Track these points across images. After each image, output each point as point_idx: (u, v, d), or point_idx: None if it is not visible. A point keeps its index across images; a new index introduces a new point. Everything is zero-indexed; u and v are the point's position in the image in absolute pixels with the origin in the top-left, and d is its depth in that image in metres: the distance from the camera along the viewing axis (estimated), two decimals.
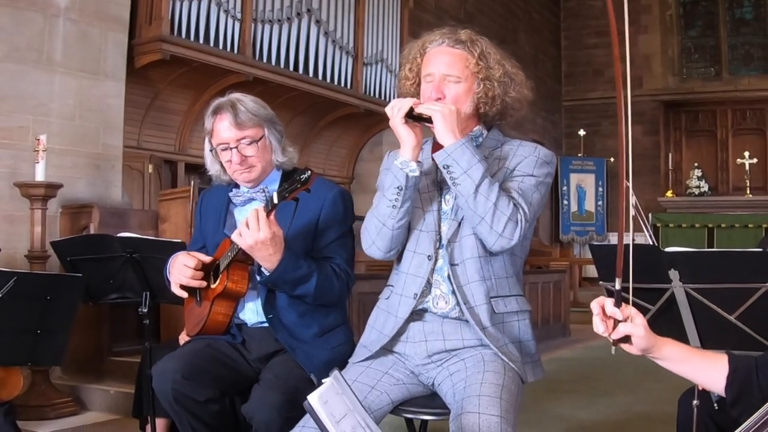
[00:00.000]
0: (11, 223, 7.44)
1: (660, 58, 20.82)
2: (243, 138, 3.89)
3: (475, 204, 3.25)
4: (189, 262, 3.85)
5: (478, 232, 3.33)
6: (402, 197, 3.35)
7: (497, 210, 3.24)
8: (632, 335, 2.43)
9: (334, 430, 2.12)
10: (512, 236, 3.28)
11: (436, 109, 3.28)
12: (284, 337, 3.82)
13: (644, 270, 3.13)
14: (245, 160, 3.90)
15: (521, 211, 3.31)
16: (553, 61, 21.42)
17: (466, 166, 3.24)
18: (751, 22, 20.50)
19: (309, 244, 3.89)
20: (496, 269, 3.46)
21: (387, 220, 3.41)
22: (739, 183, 19.70)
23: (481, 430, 2.92)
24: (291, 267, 3.63)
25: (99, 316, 7.36)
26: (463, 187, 3.26)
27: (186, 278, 3.84)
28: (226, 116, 3.91)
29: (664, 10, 20.82)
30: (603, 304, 2.45)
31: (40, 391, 6.76)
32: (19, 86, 7.69)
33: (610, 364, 9.09)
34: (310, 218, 3.90)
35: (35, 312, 3.40)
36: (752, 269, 3.10)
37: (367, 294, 7.16)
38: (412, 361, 3.46)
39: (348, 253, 3.92)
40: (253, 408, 3.56)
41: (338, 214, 3.93)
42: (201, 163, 10.34)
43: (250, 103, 3.97)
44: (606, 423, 6.16)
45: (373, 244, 3.50)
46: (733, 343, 3.31)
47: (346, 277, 3.87)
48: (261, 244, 3.50)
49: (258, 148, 3.92)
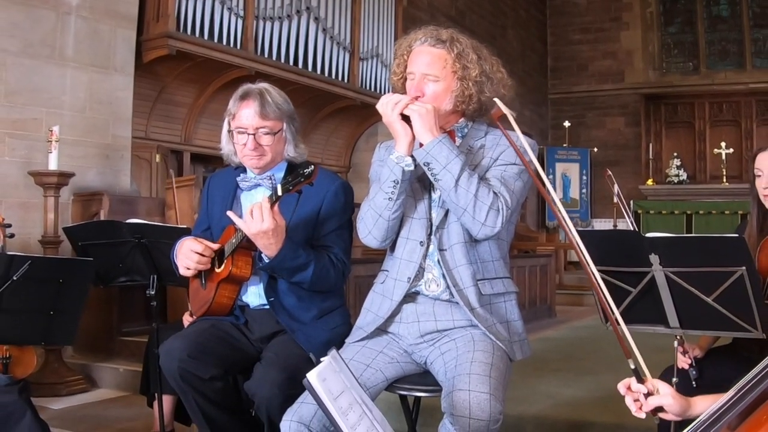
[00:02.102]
0: (26, 210, 7.45)
1: (641, 54, 20.80)
2: (263, 127, 3.88)
3: (457, 197, 3.26)
4: (197, 248, 3.85)
5: (463, 222, 3.34)
6: (398, 190, 3.36)
7: (478, 200, 3.25)
8: (663, 405, 2.41)
9: (332, 406, 2.12)
10: (495, 224, 3.29)
11: (414, 109, 3.28)
12: (284, 319, 3.83)
13: (626, 254, 3.13)
14: (259, 147, 3.89)
15: (502, 199, 3.31)
16: (540, 56, 21.37)
17: (444, 162, 3.24)
18: (727, 19, 20.48)
19: (310, 233, 3.90)
20: (481, 253, 3.47)
21: (383, 211, 3.41)
22: (716, 172, 19.70)
23: (471, 406, 2.93)
24: (290, 256, 3.64)
25: (109, 298, 7.38)
26: (443, 182, 3.26)
27: (193, 263, 3.85)
28: (252, 104, 3.90)
29: (644, 7, 20.80)
30: (628, 384, 2.44)
31: (53, 369, 6.78)
32: (33, 80, 7.70)
33: (594, 344, 9.09)
34: (313, 208, 3.90)
35: (48, 294, 3.40)
36: (728, 254, 3.10)
37: (362, 277, 7.18)
38: (405, 341, 3.46)
39: (345, 244, 3.93)
40: (255, 385, 3.57)
41: (339, 206, 3.94)
42: (206, 153, 10.38)
43: (277, 96, 3.97)
44: (590, 399, 6.16)
45: (369, 233, 3.50)
46: (711, 323, 3.32)
47: (342, 266, 3.88)
48: (263, 234, 3.51)
49: (274, 139, 3.92)
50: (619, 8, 21.04)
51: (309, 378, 2.12)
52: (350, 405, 2.20)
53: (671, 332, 3.43)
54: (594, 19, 21.29)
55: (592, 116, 21.22)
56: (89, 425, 5.69)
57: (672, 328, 3.39)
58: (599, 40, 21.21)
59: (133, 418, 5.90)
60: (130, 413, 6.07)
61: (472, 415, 2.93)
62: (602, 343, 8.86)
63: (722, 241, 3.14)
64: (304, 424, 3.02)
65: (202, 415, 3.74)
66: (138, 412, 5.92)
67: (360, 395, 2.30)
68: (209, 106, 10.69)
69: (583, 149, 20.50)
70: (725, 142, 19.48)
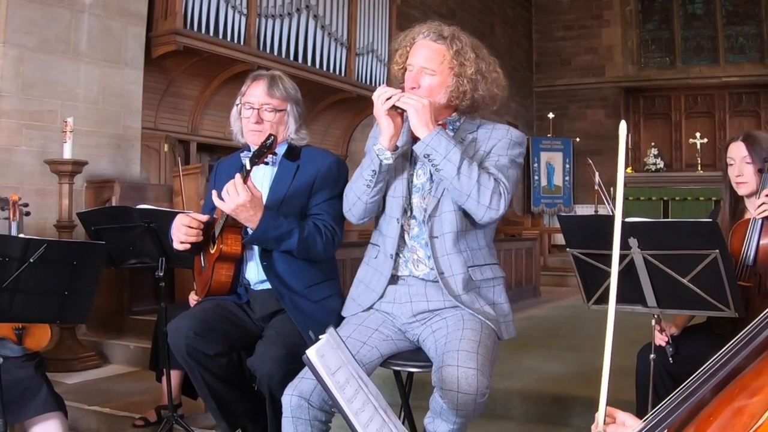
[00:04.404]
0: (42, 196, 7.45)
1: (621, 49, 20.82)
2: (267, 104, 3.96)
3: (460, 184, 3.25)
4: (184, 221, 3.87)
5: (467, 208, 3.33)
6: (375, 180, 3.40)
7: (481, 186, 3.26)
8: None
9: (330, 381, 2.12)
10: (499, 207, 3.30)
11: (411, 103, 3.28)
12: (275, 284, 3.84)
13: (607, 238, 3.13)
14: (261, 122, 3.94)
15: (502, 184, 3.33)
16: (526, 51, 21.37)
17: (444, 152, 3.25)
18: (702, 17, 20.52)
19: (305, 203, 3.92)
20: (470, 242, 3.48)
21: (362, 195, 3.47)
22: (691, 160, 19.77)
23: (459, 381, 2.94)
24: (272, 225, 3.65)
25: (120, 280, 7.39)
26: (445, 171, 3.26)
27: (183, 235, 3.86)
28: (262, 83, 4.00)
29: (624, 6, 20.83)
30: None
31: (67, 346, 6.79)
32: (49, 74, 7.70)
33: (576, 322, 9.12)
34: (307, 180, 3.93)
35: (63, 275, 3.39)
36: (703, 238, 3.12)
37: (358, 259, 7.14)
38: (399, 320, 3.47)
39: (336, 212, 3.89)
40: (257, 361, 3.57)
41: (332, 179, 3.95)
42: (211, 142, 10.38)
43: (287, 82, 4.08)
44: (573, 374, 6.17)
45: (349, 211, 3.61)
46: (686, 303, 3.33)
47: (332, 233, 3.88)
48: (241, 207, 3.54)
49: (276, 117, 3.98)
50: (600, 6, 21.12)
51: (308, 354, 2.12)
52: (347, 380, 2.20)
53: (649, 311, 3.44)
54: (576, 17, 21.33)
55: (575, 108, 21.26)
56: (101, 399, 5.69)
57: (650, 307, 3.39)
58: (581, 36, 21.24)
59: (142, 392, 5.90)
60: (139, 387, 6.08)
61: (460, 389, 2.94)
62: (584, 321, 8.91)
63: (697, 226, 3.15)
64: (304, 398, 3.03)
65: (207, 390, 3.75)
66: (147, 386, 5.92)
67: (356, 371, 2.29)
68: (214, 99, 10.68)
69: (567, 139, 20.54)
70: (700, 133, 19.57)
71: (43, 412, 3.62)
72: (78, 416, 5.36)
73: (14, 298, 3.32)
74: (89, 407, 5.48)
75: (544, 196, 20.40)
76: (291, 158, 4.03)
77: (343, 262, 6.44)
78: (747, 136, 4.02)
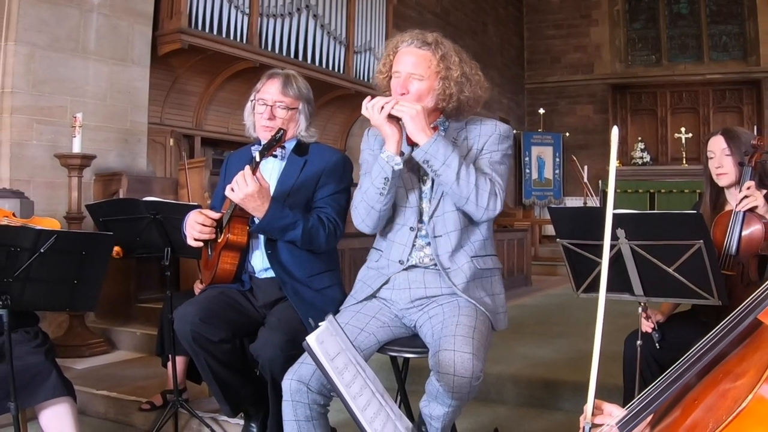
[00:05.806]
0: (52, 189, 7.46)
1: (609, 47, 20.84)
2: (281, 102, 4.00)
3: (459, 188, 3.26)
4: (198, 219, 3.88)
5: (467, 210, 3.34)
6: (389, 186, 3.35)
7: (479, 189, 3.27)
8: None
9: (329, 366, 2.11)
10: (495, 207, 3.33)
11: (405, 111, 3.25)
12: (278, 272, 3.85)
13: (595, 229, 3.13)
14: (273, 118, 3.98)
15: (497, 184, 3.35)
16: (517, 49, 21.35)
17: (443, 158, 3.24)
18: (687, 16, 20.56)
19: (310, 196, 3.94)
20: (474, 235, 3.48)
21: (375, 204, 3.41)
22: (677, 154, 19.85)
23: (455, 365, 2.94)
24: (277, 216, 3.66)
25: (127, 269, 7.39)
26: (445, 176, 3.26)
27: (198, 233, 3.87)
28: (277, 81, 4.05)
29: (612, 5, 20.84)
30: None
31: (76, 332, 6.81)
32: (58, 71, 7.70)
33: (566, 310, 9.13)
34: (314, 174, 3.96)
35: (72, 265, 3.38)
36: (688, 229, 3.12)
37: (356, 249, 7.28)
38: (396, 306, 3.46)
39: (339, 206, 3.94)
40: (259, 347, 3.59)
41: (337, 175, 3.98)
42: (215, 137, 10.37)
43: (300, 82, 4.14)
44: (562, 360, 6.18)
45: (362, 222, 3.50)
46: (672, 291, 3.33)
47: (335, 226, 3.89)
48: (249, 197, 3.56)
49: (288, 114, 4.02)
50: (588, 6, 21.14)
51: (308, 341, 2.11)
52: (345, 365, 2.19)
53: (636, 299, 3.44)
54: (566, 16, 21.33)
55: (564, 104, 21.29)
56: (109, 383, 5.69)
57: (637, 295, 3.39)
58: (571, 35, 21.24)
59: (149, 377, 5.90)
60: (146, 372, 6.08)
61: (456, 373, 2.94)
62: (573, 309, 8.92)
63: (682, 217, 3.15)
64: (304, 383, 3.02)
65: (211, 374, 3.76)
66: (153, 371, 5.92)
67: (354, 356, 2.29)
68: (218, 95, 10.67)
69: (556, 134, 20.59)
70: (685, 128, 19.69)
71: (53, 397, 3.61)
72: (86, 400, 5.36)
73: (26, 286, 3.32)
74: (97, 392, 5.48)
75: (535, 188, 20.44)
76: (299, 153, 4.05)
77: (342, 252, 6.46)
78: (726, 130, 4.07)
